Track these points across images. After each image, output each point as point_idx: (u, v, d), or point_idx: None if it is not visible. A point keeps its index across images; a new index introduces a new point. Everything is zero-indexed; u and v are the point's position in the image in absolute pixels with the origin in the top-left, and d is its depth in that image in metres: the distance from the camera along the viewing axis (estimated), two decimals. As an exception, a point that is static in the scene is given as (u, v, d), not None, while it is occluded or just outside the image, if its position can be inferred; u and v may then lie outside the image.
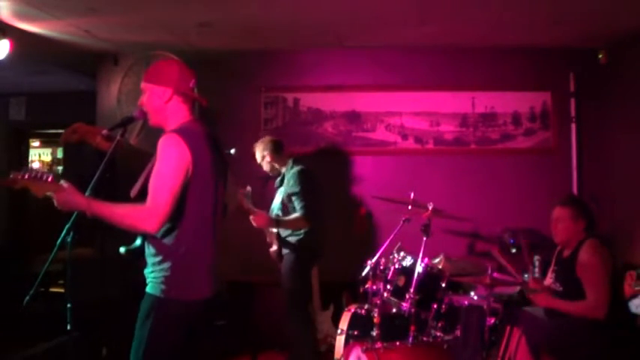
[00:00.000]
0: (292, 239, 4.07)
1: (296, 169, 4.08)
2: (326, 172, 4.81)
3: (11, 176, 2.19)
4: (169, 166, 2.18)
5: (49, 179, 2.19)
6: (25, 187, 2.20)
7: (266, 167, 4.24)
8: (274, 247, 4.10)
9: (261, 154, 4.20)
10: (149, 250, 2.29)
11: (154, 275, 2.26)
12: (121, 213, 2.18)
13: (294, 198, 4.01)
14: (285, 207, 4.07)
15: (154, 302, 2.23)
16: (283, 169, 4.18)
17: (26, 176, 2.18)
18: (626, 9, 3.93)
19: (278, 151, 4.19)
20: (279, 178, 4.23)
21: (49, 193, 2.20)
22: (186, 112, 2.38)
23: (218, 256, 2.39)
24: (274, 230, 4.06)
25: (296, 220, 3.97)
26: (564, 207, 3.32)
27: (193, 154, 2.21)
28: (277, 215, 4.09)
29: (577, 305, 3.11)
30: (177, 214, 2.20)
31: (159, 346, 2.21)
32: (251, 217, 3.92)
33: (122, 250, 2.40)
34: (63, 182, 2.21)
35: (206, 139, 2.34)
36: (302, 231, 4.04)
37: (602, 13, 4.04)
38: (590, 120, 5.00)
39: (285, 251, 4.11)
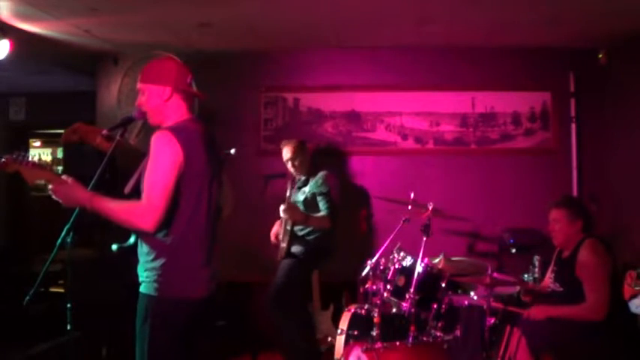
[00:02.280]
0: (309, 238, 4.15)
1: (323, 172, 4.21)
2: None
3: (3, 160, 2.19)
4: (162, 162, 2.18)
5: (41, 166, 2.20)
6: (17, 172, 2.21)
7: (295, 168, 4.26)
8: (283, 245, 4.13)
9: (296, 155, 4.23)
10: (142, 248, 2.29)
11: (146, 274, 2.25)
12: (119, 209, 2.19)
13: (319, 198, 4.12)
14: (309, 205, 4.15)
15: (148, 303, 2.22)
16: (303, 173, 4.27)
17: (19, 160, 2.18)
18: (626, 9, 3.92)
19: (307, 154, 4.30)
20: (302, 178, 4.29)
21: (41, 182, 2.21)
22: (185, 110, 2.38)
23: (215, 256, 2.39)
24: (288, 227, 4.09)
25: (322, 218, 4.09)
26: (560, 208, 3.32)
27: (185, 151, 2.20)
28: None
29: (576, 308, 3.11)
30: (170, 211, 2.20)
31: (161, 348, 2.21)
32: (282, 208, 4.01)
33: (114, 247, 2.40)
34: (65, 177, 2.22)
35: (201, 138, 2.33)
36: (319, 232, 4.11)
37: (602, 13, 4.03)
38: (590, 120, 5.00)
39: (298, 249, 4.12)
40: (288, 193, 4.15)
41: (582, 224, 3.27)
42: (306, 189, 4.22)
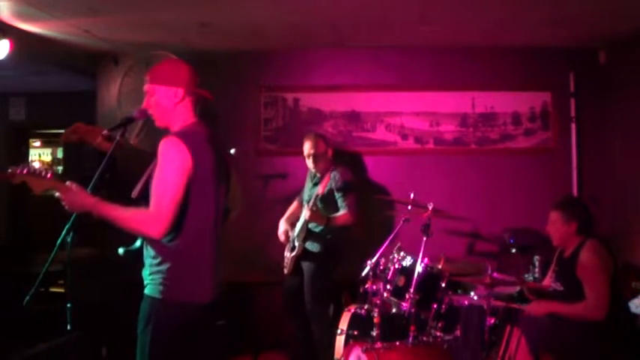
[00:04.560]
0: (323, 235, 4.12)
1: (338, 169, 4.14)
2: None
3: (9, 170, 2.20)
4: (170, 169, 2.17)
5: (49, 176, 2.20)
6: (24, 182, 2.21)
7: (315, 164, 4.18)
8: (298, 244, 4.11)
9: (321, 150, 4.16)
10: (148, 251, 2.28)
11: (152, 277, 2.25)
12: (126, 217, 2.18)
13: (337, 195, 4.07)
14: (326, 202, 4.10)
15: (153, 305, 2.22)
16: (321, 171, 4.21)
17: (24, 171, 2.19)
18: (626, 9, 3.93)
19: (329, 150, 4.23)
20: (318, 176, 4.22)
21: (50, 192, 2.21)
22: (191, 113, 2.37)
23: (220, 260, 2.38)
24: (305, 226, 4.09)
25: (342, 216, 4.06)
26: (556, 210, 3.35)
27: (194, 157, 2.20)
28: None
29: (577, 307, 3.11)
30: (178, 217, 2.19)
31: (162, 351, 2.20)
32: (305, 211, 3.98)
33: (121, 251, 2.40)
34: (69, 183, 2.21)
35: (208, 142, 2.32)
36: (334, 230, 4.10)
37: (602, 13, 4.04)
38: (590, 120, 5.00)
39: (314, 247, 4.12)
40: (306, 195, 4.13)
41: (577, 226, 3.27)
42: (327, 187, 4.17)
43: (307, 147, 4.20)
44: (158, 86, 2.33)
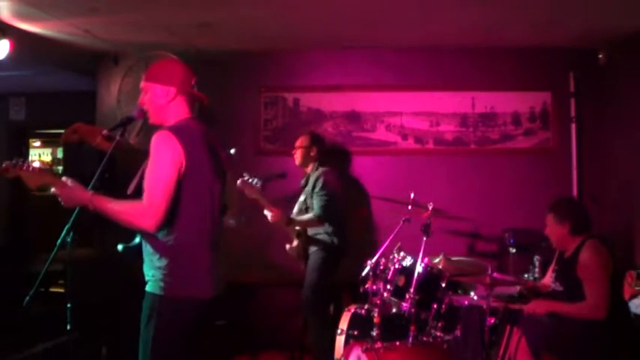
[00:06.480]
0: (321, 237, 4.16)
1: (322, 169, 4.20)
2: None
3: (3, 165, 2.21)
4: (162, 162, 2.19)
5: (41, 170, 2.21)
6: (18, 177, 2.22)
7: (302, 160, 4.33)
8: (294, 244, 4.14)
9: (301, 144, 4.32)
10: (146, 248, 2.29)
11: (152, 273, 2.26)
12: (120, 210, 2.20)
13: (314, 197, 4.13)
14: (310, 204, 4.18)
15: (154, 301, 2.22)
16: (309, 170, 4.32)
17: (18, 166, 2.19)
18: (626, 9, 3.93)
19: (312, 148, 4.32)
20: (305, 178, 4.32)
21: (46, 188, 2.21)
22: (186, 111, 2.39)
23: (220, 256, 2.39)
24: (297, 227, 4.14)
25: (309, 220, 4.10)
26: (549, 212, 3.37)
27: (186, 151, 2.20)
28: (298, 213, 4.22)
29: (577, 306, 3.11)
30: (172, 211, 2.20)
31: (164, 347, 2.21)
32: (265, 211, 4.02)
33: (120, 247, 2.40)
34: (65, 178, 2.22)
35: (202, 137, 2.33)
36: (330, 229, 4.14)
37: (602, 13, 4.04)
38: (590, 120, 5.00)
39: (312, 249, 4.16)
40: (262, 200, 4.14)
41: (570, 226, 3.27)
42: (307, 189, 4.23)
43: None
44: (152, 84, 2.36)
